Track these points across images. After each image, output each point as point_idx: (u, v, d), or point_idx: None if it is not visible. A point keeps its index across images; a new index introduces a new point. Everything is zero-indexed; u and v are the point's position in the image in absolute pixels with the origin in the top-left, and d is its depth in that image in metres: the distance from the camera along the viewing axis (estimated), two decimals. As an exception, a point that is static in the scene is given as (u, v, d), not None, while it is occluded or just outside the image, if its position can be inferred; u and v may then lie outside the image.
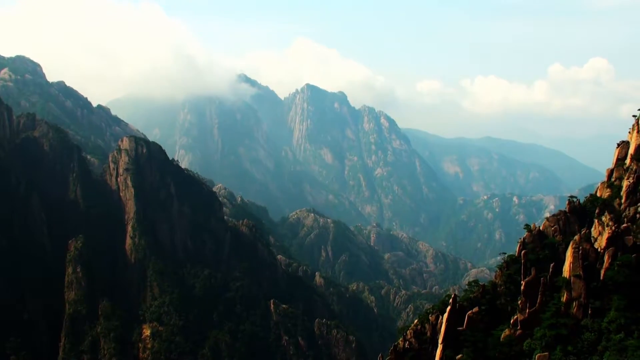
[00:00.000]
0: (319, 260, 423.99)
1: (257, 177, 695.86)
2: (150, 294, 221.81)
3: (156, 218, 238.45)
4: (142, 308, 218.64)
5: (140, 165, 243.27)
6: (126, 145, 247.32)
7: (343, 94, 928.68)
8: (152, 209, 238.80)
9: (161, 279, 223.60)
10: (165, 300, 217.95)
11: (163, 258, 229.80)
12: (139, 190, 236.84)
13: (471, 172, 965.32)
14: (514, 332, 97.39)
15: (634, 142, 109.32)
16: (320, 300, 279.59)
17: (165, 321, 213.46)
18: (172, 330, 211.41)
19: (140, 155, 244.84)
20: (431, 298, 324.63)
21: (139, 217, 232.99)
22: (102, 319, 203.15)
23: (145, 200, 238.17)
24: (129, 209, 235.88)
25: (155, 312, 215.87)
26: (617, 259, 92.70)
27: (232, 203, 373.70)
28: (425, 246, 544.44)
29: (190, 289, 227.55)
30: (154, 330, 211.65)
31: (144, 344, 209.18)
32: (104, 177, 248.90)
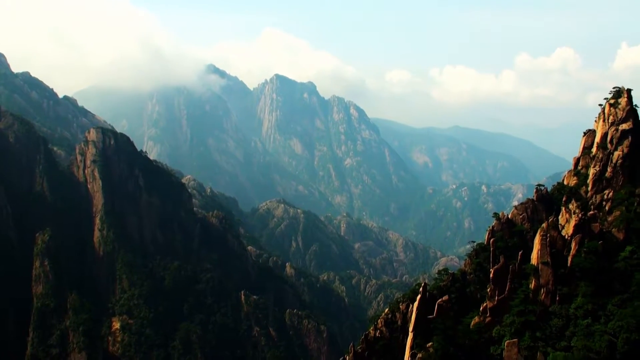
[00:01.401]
0: (290, 251, 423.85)
1: (227, 168, 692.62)
2: (120, 286, 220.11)
3: (124, 210, 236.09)
4: (111, 301, 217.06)
5: (107, 157, 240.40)
6: (93, 136, 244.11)
7: (312, 84, 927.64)
8: (120, 201, 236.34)
9: (130, 272, 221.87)
10: (135, 293, 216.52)
11: (132, 250, 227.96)
12: (106, 182, 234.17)
13: (440, 161, 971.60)
14: (483, 319, 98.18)
15: (600, 130, 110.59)
16: (291, 290, 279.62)
17: (135, 314, 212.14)
18: (142, 322, 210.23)
19: (108, 147, 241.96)
20: (401, 287, 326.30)
21: (107, 210, 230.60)
22: (70, 313, 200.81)
23: (113, 192, 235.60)
24: (97, 201, 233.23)
25: (124, 304, 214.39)
26: (584, 245, 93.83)
27: (201, 194, 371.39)
28: (395, 235, 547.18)
29: (159, 281, 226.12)
30: (123, 323, 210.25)
31: (113, 337, 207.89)
32: (70, 169, 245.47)
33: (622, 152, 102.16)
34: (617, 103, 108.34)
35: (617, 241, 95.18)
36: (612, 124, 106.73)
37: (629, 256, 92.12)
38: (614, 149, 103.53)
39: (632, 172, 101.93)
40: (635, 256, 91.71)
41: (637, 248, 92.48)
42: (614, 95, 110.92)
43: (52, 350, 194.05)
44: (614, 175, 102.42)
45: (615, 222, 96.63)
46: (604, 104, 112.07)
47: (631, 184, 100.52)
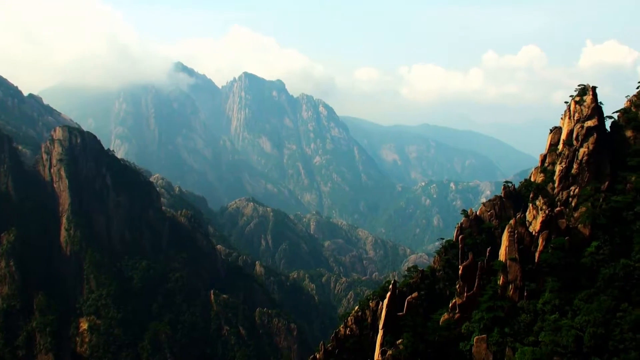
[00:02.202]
0: (259, 250, 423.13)
1: (195, 167, 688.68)
2: (87, 286, 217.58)
3: (92, 209, 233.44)
4: (79, 301, 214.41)
5: (74, 156, 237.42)
6: (59, 135, 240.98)
7: (281, 82, 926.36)
8: (87, 200, 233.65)
9: (98, 272, 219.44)
10: (103, 293, 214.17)
11: (100, 250, 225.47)
12: (73, 182, 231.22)
13: (409, 159, 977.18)
14: (452, 315, 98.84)
15: (566, 128, 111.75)
16: (261, 289, 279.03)
17: (103, 314, 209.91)
18: (110, 323, 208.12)
19: (74, 146, 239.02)
20: (371, 284, 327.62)
21: (74, 209, 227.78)
22: (37, 314, 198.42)
23: (80, 191, 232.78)
24: (63, 201, 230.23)
25: (92, 305, 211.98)
26: (551, 241, 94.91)
27: (170, 193, 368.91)
28: (364, 233, 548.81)
29: (128, 281, 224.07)
30: (91, 323, 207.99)
31: (81, 338, 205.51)
32: (36, 168, 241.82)
33: (587, 149, 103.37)
34: (583, 100, 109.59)
35: (583, 237, 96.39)
36: (577, 121, 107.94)
37: (595, 251, 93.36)
38: (580, 145, 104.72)
39: (597, 168, 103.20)
40: (601, 252, 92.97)
41: (602, 244, 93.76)
42: (580, 93, 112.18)
43: (19, 352, 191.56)
44: (580, 171, 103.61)
45: (582, 218, 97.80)
46: (570, 102, 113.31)
47: (597, 181, 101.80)
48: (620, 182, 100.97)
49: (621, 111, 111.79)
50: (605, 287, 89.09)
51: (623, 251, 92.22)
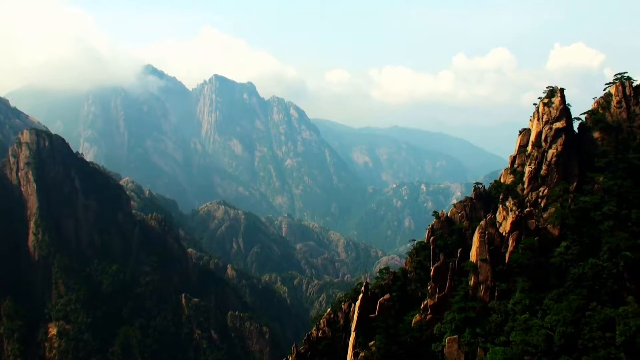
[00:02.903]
0: (231, 253, 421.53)
1: (166, 170, 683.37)
2: (56, 291, 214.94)
3: (60, 213, 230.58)
4: (47, 306, 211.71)
5: (42, 159, 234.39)
6: (27, 138, 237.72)
7: (252, 85, 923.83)
8: (55, 204, 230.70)
9: (67, 276, 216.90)
10: (72, 298, 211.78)
11: (68, 254, 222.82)
12: (41, 185, 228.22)
13: (380, 161, 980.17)
14: (424, 317, 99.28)
15: (534, 129, 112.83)
16: (233, 292, 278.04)
17: (72, 319, 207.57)
18: (79, 328, 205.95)
19: (42, 149, 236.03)
20: (343, 287, 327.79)
21: (42, 213, 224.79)
22: (5, 319, 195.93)
23: (48, 195, 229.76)
24: (31, 205, 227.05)
25: (61, 310, 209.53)
26: (521, 242, 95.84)
27: (140, 197, 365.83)
28: (336, 235, 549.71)
29: (97, 286, 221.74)
30: (60, 329, 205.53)
31: (50, 344, 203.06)
32: (3, 172, 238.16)
33: (556, 150, 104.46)
34: (551, 102, 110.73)
35: (553, 237, 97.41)
36: (546, 122, 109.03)
37: (564, 251, 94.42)
38: (549, 147, 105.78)
39: (566, 169, 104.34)
40: (570, 251, 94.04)
41: (571, 243, 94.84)
42: (548, 95, 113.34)
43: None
44: (549, 172, 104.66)
45: (551, 219, 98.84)
46: (538, 103, 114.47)
47: (565, 181, 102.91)
48: (589, 182, 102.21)
49: (588, 113, 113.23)
50: (574, 286, 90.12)
51: (591, 251, 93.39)
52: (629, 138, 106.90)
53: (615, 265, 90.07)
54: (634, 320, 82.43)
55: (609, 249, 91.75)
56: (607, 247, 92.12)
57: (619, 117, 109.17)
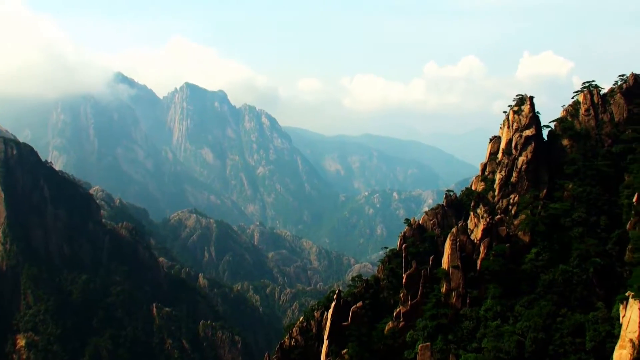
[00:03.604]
0: (202, 262, 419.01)
1: (136, 179, 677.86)
2: (24, 302, 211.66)
3: (29, 223, 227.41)
4: (15, 317, 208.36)
5: (10, 168, 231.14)
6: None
7: (223, 93, 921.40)
8: (24, 213, 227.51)
9: (36, 286, 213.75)
10: (41, 309, 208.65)
11: (37, 264, 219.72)
12: (9, 194, 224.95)
13: (352, 169, 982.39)
14: (397, 324, 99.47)
15: (505, 137, 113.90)
16: (204, 301, 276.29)
17: (41, 330, 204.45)
18: (48, 339, 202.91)
19: (10, 157, 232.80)
20: (316, 295, 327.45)
21: (10, 222, 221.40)
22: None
23: (16, 204, 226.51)
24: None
25: (30, 321, 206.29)
26: (492, 249, 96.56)
27: (110, 205, 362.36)
28: (308, 243, 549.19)
29: (67, 296, 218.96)
30: (29, 340, 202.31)
31: (18, 355, 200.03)
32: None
33: (526, 157, 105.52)
34: (521, 110, 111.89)
35: (523, 244, 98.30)
36: (516, 130, 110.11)
37: (534, 258, 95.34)
38: (519, 154, 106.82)
39: (536, 176, 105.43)
40: (540, 258, 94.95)
41: (542, 250, 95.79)
42: (518, 103, 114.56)
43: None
44: (519, 180, 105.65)
45: (521, 226, 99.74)
46: (508, 111, 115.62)
47: (535, 189, 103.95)
48: (558, 189, 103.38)
49: (557, 120, 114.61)
50: (545, 292, 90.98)
51: (561, 257, 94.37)
52: (597, 145, 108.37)
53: (584, 272, 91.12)
54: (604, 325, 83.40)
55: (578, 255, 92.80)
56: (577, 254, 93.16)
57: (587, 124, 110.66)
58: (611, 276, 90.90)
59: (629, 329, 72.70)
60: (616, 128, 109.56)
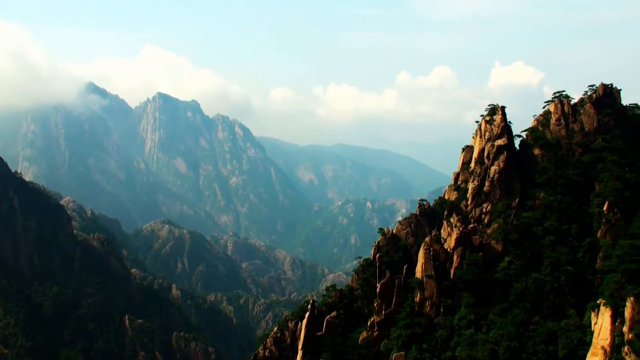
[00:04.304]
0: (175, 272, 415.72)
1: (108, 189, 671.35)
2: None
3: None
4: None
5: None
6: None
7: (196, 103, 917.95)
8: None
9: (5, 299, 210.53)
10: (11, 322, 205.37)
11: (7, 276, 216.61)
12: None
13: (325, 178, 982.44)
14: (371, 333, 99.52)
15: (477, 146, 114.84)
16: (177, 313, 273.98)
17: (11, 343, 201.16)
18: (18, 352, 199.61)
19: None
20: (290, 305, 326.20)
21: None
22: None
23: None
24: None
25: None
26: (465, 258, 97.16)
27: (81, 216, 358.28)
28: (282, 254, 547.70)
29: (37, 308, 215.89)
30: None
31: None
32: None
33: (498, 166, 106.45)
34: (493, 120, 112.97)
35: (496, 252, 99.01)
36: (488, 140, 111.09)
37: (507, 267, 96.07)
38: (491, 164, 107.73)
39: (508, 186, 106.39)
40: (513, 266, 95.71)
41: (514, 259, 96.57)
42: (489, 112, 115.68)
43: None
44: (492, 189, 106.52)
45: (494, 234, 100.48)
46: (480, 121, 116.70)
47: (507, 197, 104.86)
48: (530, 198, 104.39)
49: (529, 130, 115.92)
50: (517, 301, 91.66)
51: (534, 266, 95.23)
52: (568, 155, 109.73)
53: (556, 280, 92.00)
54: (576, 333, 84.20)
55: (550, 264, 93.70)
56: (549, 262, 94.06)
57: (558, 134, 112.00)
58: (582, 284, 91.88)
59: (600, 336, 73.50)
60: (586, 137, 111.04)
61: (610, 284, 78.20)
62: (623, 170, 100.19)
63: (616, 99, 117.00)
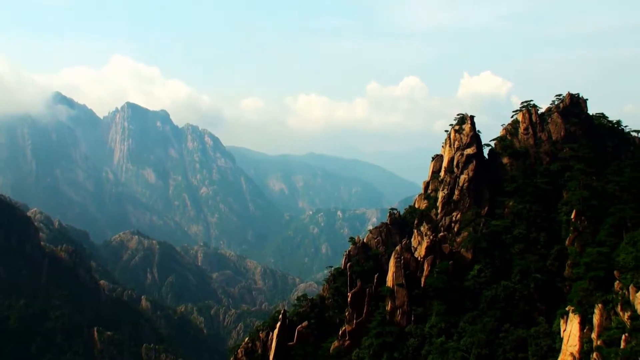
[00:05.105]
0: (145, 283, 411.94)
1: (76, 200, 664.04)
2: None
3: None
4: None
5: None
6: None
7: (165, 113, 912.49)
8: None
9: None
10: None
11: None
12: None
13: (296, 188, 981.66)
14: (342, 343, 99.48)
15: (446, 155, 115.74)
16: (147, 324, 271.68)
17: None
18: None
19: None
20: (261, 315, 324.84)
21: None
22: None
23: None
24: None
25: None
26: (436, 266, 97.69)
27: (49, 228, 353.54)
28: (253, 263, 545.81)
29: (4, 322, 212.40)
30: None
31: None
32: None
33: (467, 175, 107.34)
34: (462, 129, 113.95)
35: (466, 261, 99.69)
36: (457, 149, 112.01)
37: (477, 275, 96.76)
38: (460, 172, 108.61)
39: (477, 194, 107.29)
40: (482, 274, 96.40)
41: (484, 267, 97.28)
42: (459, 122, 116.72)
43: None
44: (461, 197, 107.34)
45: (464, 243, 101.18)
46: (450, 130, 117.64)
47: (477, 206, 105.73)
48: (499, 206, 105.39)
49: (497, 139, 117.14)
50: (487, 308, 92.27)
51: (503, 273, 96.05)
52: (536, 163, 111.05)
53: (526, 287, 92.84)
54: (545, 340, 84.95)
55: (519, 271, 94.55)
56: (518, 270, 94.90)
57: (526, 143, 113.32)
58: (552, 291, 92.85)
59: (569, 343, 74.26)
60: (554, 146, 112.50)
61: (578, 291, 79.17)
62: (590, 178, 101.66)
63: (582, 109, 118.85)
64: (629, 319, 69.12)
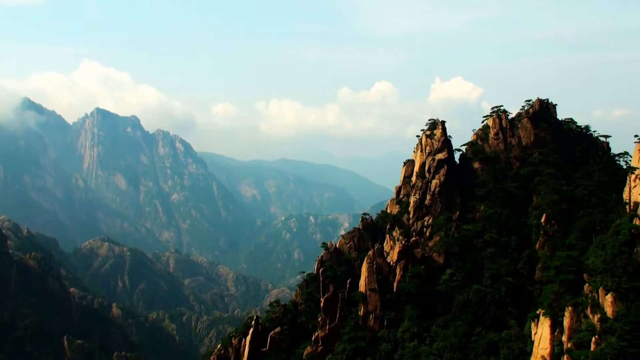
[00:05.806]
0: (116, 291, 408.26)
1: (45, 207, 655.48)
2: None
3: None
4: None
5: None
6: None
7: (136, 118, 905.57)
8: None
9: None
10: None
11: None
12: None
13: (268, 193, 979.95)
14: (315, 348, 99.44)
15: (418, 160, 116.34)
16: (118, 332, 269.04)
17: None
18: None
19: None
20: (233, 321, 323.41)
21: None
22: None
23: None
24: None
25: None
26: (408, 271, 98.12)
27: (17, 236, 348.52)
28: (225, 270, 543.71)
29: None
30: None
31: None
32: None
33: (439, 180, 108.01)
34: (433, 134, 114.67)
35: (438, 265, 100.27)
36: (429, 154, 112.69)
37: (449, 279, 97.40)
38: (432, 177, 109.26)
39: (448, 199, 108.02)
40: (454, 278, 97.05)
41: (456, 271, 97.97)
42: (430, 127, 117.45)
43: None
44: (433, 202, 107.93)
45: (436, 247, 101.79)
46: (421, 135, 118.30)
47: (448, 211, 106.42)
48: (470, 211, 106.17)
49: (468, 144, 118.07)
50: (460, 312, 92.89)
51: (475, 277, 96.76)
52: (507, 168, 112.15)
53: (497, 291, 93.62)
54: (517, 343, 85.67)
55: (491, 275, 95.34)
56: (490, 273, 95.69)
57: (497, 148, 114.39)
58: (523, 295, 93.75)
59: (540, 346, 74.99)
60: (524, 151, 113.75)
61: (549, 294, 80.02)
62: (559, 183, 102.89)
63: (552, 114, 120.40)
64: (599, 322, 69.98)
